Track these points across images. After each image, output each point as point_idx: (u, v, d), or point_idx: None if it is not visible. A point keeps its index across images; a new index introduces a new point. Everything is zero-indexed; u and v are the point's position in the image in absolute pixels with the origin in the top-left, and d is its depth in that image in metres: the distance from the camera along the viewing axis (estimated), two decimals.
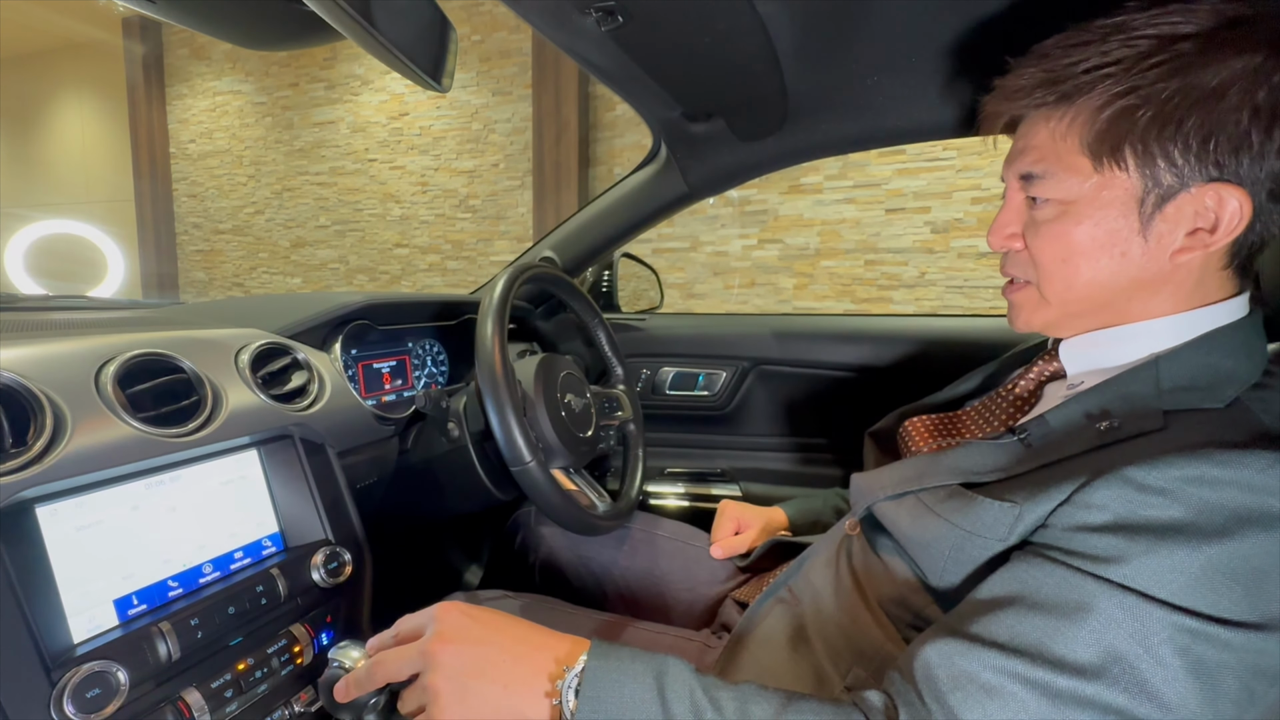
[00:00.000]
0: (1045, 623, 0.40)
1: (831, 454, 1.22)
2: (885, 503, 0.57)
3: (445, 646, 0.43)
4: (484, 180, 4.69)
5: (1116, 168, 0.48)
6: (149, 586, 0.55)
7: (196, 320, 0.73)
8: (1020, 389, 0.61)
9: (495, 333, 0.75)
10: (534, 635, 0.46)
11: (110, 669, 0.47)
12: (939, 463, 0.55)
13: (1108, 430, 0.46)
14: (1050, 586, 0.42)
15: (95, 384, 0.54)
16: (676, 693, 0.42)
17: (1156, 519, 0.40)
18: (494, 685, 0.42)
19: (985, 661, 0.41)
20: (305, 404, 0.71)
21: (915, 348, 1.15)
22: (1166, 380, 0.47)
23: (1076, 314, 0.54)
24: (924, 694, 0.42)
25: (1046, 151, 0.51)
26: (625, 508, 0.91)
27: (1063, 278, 0.52)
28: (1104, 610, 0.39)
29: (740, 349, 1.26)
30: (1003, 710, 0.39)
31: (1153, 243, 0.48)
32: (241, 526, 0.64)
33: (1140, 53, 0.46)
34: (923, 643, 0.45)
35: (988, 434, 0.60)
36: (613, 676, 0.43)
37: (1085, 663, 0.38)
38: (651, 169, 1.12)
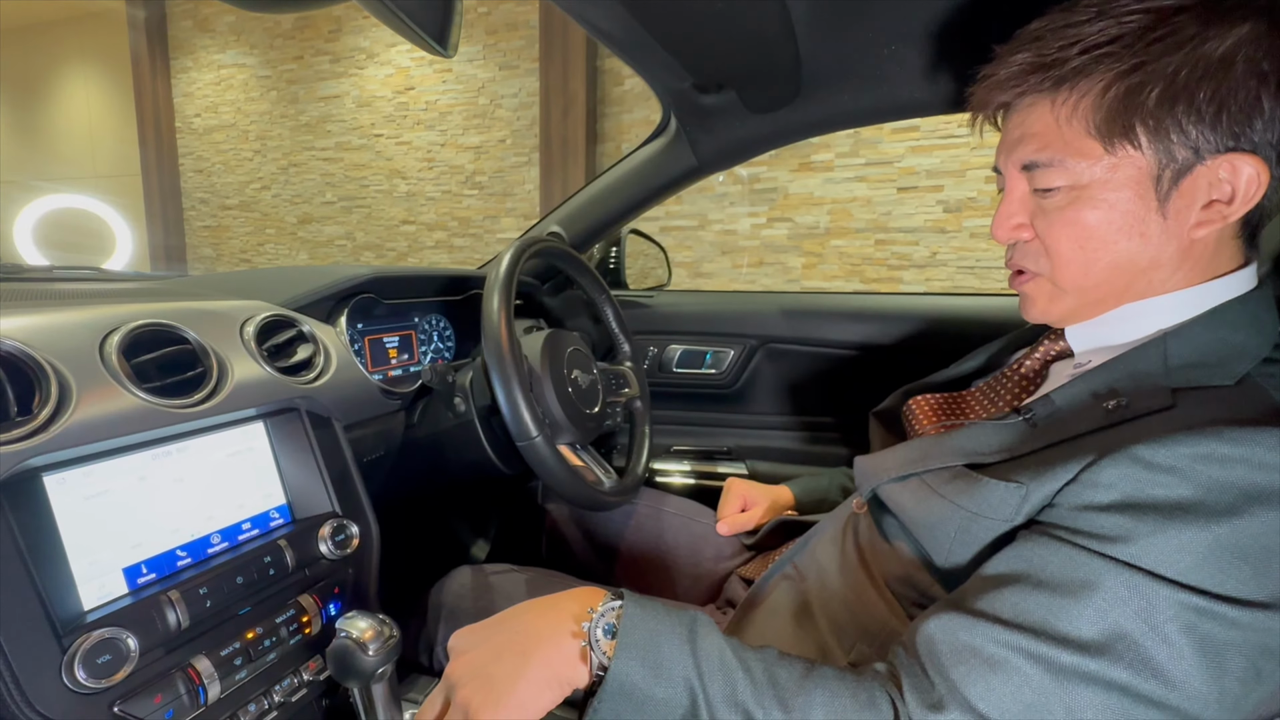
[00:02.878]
0: (1050, 600, 0.40)
1: (838, 433, 1.22)
2: (889, 485, 0.57)
3: (460, 660, 0.44)
4: (490, 156, 4.65)
5: (1129, 147, 0.47)
6: (158, 556, 0.55)
7: (201, 292, 0.72)
8: (1026, 369, 0.60)
9: (502, 307, 0.74)
10: (542, 600, 0.46)
11: (120, 636, 0.48)
12: (943, 444, 0.55)
13: (1115, 409, 0.45)
14: (1056, 564, 0.42)
15: (100, 354, 0.54)
16: (707, 651, 0.42)
17: (1164, 498, 0.39)
18: (514, 658, 0.42)
19: (989, 636, 0.41)
20: (311, 377, 0.70)
21: (924, 326, 1.13)
22: (1175, 357, 0.46)
23: (1095, 300, 0.53)
24: (927, 667, 0.42)
25: (1051, 138, 0.49)
26: (631, 484, 0.91)
27: (1080, 264, 0.51)
28: (1110, 588, 0.39)
29: (748, 327, 1.25)
30: (1005, 684, 0.39)
31: (1171, 220, 0.48)
32: (249, 498, 0.64)
33: (1139, 28, 0.45)
34: (926, 618, 0.45)
35: (992, 414, 0.60)
36: (650, 624, 0.42)
37: (1089, 639, 0.38)
38: (660, 143, 1.10)
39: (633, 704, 0.40)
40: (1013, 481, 0.46)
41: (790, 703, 0.41)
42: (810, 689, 0.42)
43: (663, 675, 0.41)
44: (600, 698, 0.40)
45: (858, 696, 0.42)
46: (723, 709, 0.40)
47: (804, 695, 0.41)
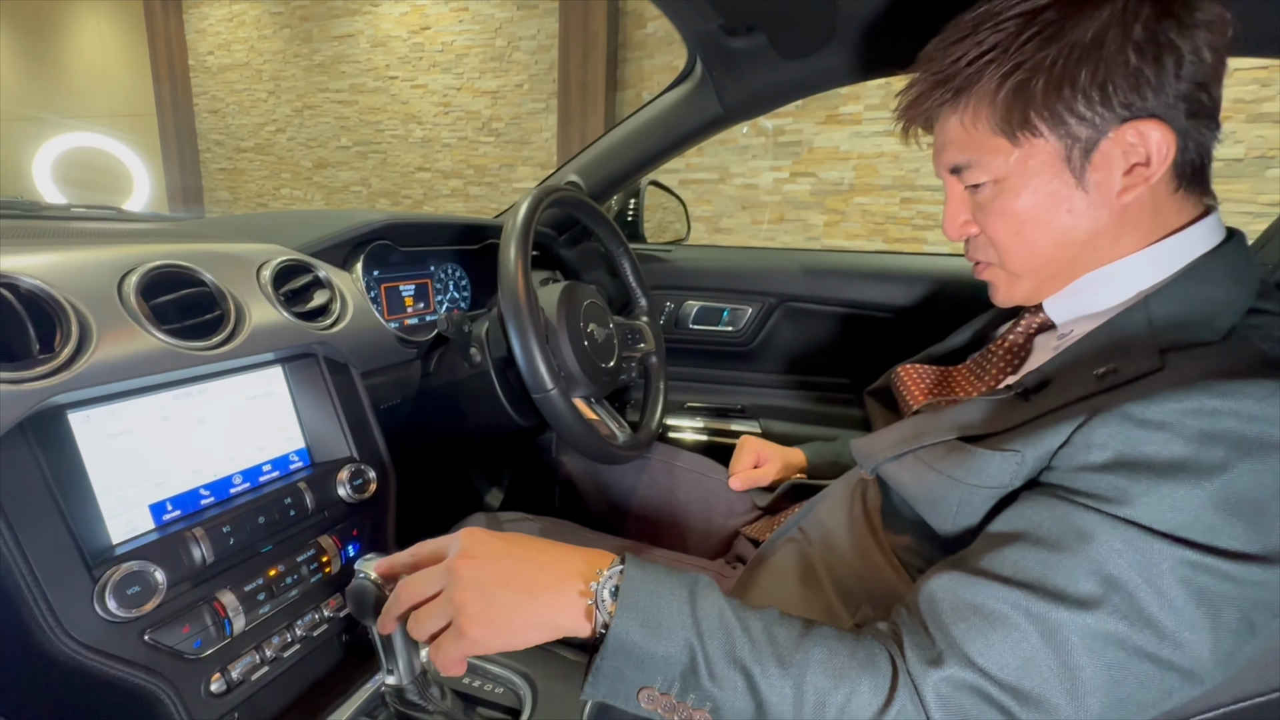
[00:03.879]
0: (1047, 556, 0.41)
1: (855, 395, 1.20)
2: (888, 464, 0.57)
3: (468, 562, 0.44)
4: (508, 102, 4.53)
5: (1032, 136, 0.49)
6: (182, 494, 0.57)
7: (217, 234, 0.72)
8: (1010, 343, 0.61)
9: (519, 257, 0.73)
10: (557, 547, 0.47)
11: (148, 569, 0.49)
12: (936, 421, 0.55)
13: (1106, 375, 0.45)
14: (1052, 521, 0.42)
15: (119, 294, 0.54)
16: (707, 611, 0.43)
17: (1156, 455, 0.40)
18: (519, 592, 0.43)
19: (988, 593, 0.41)
20: (328, 323, 0.70)
21: (948, 289, 1.10)
22: (1159, 318, 0.47)
23: (1050, 277, 0.55)
24: (928, 624, 0.43)
25: (964, 142, 0.53)
26: (645, 439, 0.91)
27: (1023, 248, 0.53)
28: (1105, 542, 0.39)
29: (768, 284, 1.22)
30: (1004, 639, 0.40)
31: (1094, 192, 0.49)
32: (269, 440, 0.65)
33: (1014, 31, 0.48)
34: (928, 577, 0.46)
35: (982, 390, 0.59)
36: (650, 586, 0.43)
37: (1085, 593, 0.39)
38: (685, 89, 1.05)
39: (633, 661, 0.42)
40: (1008, 450, 0.46)
41: (788, 660, 0.42)
42: (808, 647, 0.42)
43: (661, 634, 0.42)
44: (602, 654, 0.42)
45: (856, 654, 0.42)
46: (721, 666, 0.41)
47: (801, 653, 0.42)
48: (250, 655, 0.56)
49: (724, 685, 0.41)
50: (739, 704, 0.41)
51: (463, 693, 0.59)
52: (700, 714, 0.42)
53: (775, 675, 0.41)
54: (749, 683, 0.41)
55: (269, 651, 0.57)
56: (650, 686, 0.42)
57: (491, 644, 0.42)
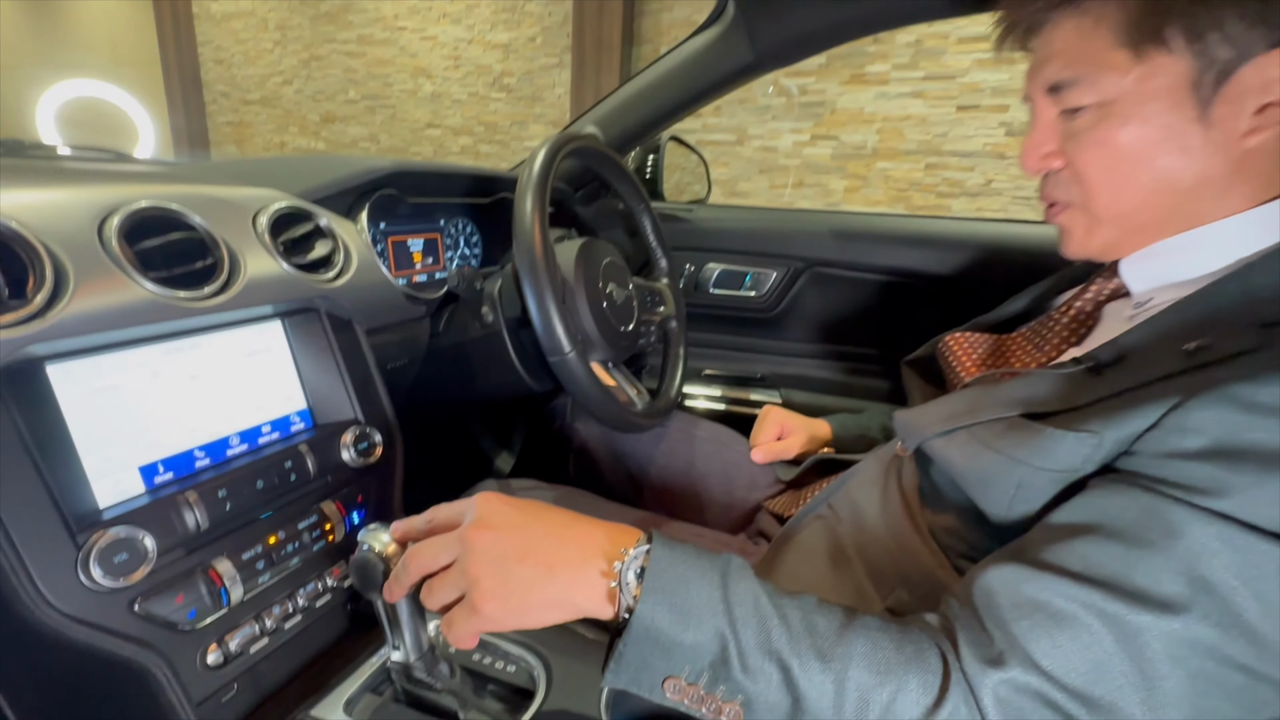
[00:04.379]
0: (1127, 552, 0.36)
1: (882, 366, 1.15)
2: (936, 440, 0.52)
3: (484, 532, 0.40)
4: (520, 56, 4.37)
5: (1160, 52, 0.43)
6: (175, 456, 0.53)
7: (210, 178, 0.66)
8: (1076, 310, 0.54)
9: (536, 209, 0.68)
10: (580, 521, 0.43)
11: (137, 535, 0.46)
12: (994, 394, 0.50)
13: (1197, 351, 0.39)
14: (1134, 514, 0.37)
15: (99, 237, 0.49)
16: (740, 596, 0.39)
17: (1265, 444, 0.34)
18: (537, 568, 0.39)
19: (1055, 589, 0.37)
20: (331, 275, 0.65)
21: (990, 256, 1.04)
22: (1262, 289, 0.41)
23: (1137, 228, 0.48)
24: (985, 620, 0.39)
25: (1075, 54, 0.46)
26: (664, 406, 0.87)
27: (1114, 189, 0.47)
28: (1198, 539, 0.35)
29: (794, 248, 1.16)
30: (1073, 641, 0.36)
31: (1217, 129, 0.43)
32: (268, 400, 0.61)
33: None
34: (983, 569, 0.41)
35: (1041, 362, 0.54)
36: (678, 569, 0.40)
37: (1171, 595, 0.34)
38: (713, 33, 0.97)
39: (660, 649, 0.38)
40: (1082, 431, 0.41)
41: (829, 652, 0.38)
42: (851, 639, 0.39)
43: (691, 621, 0.38)
44: (626, 640, 0.39)
45: (902, 648, 0.39)
46: (755, 656, 0.38)
47: (844, 645, 0.39)
48: (249, 626, 0.53)
49: (758, 678, 0.38)
50: (774, 698, 0.38)
51: (473, 670, 0.56)
52: (731, 707, 0.38)
53: (815, 669, 0.38)
54: (785, 676, 0.37)
55: (269, 622, 0.54)
56: (677, 676, 0.38)
57: (506, 621, 0.39)
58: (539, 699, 0.51)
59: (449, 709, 0.52)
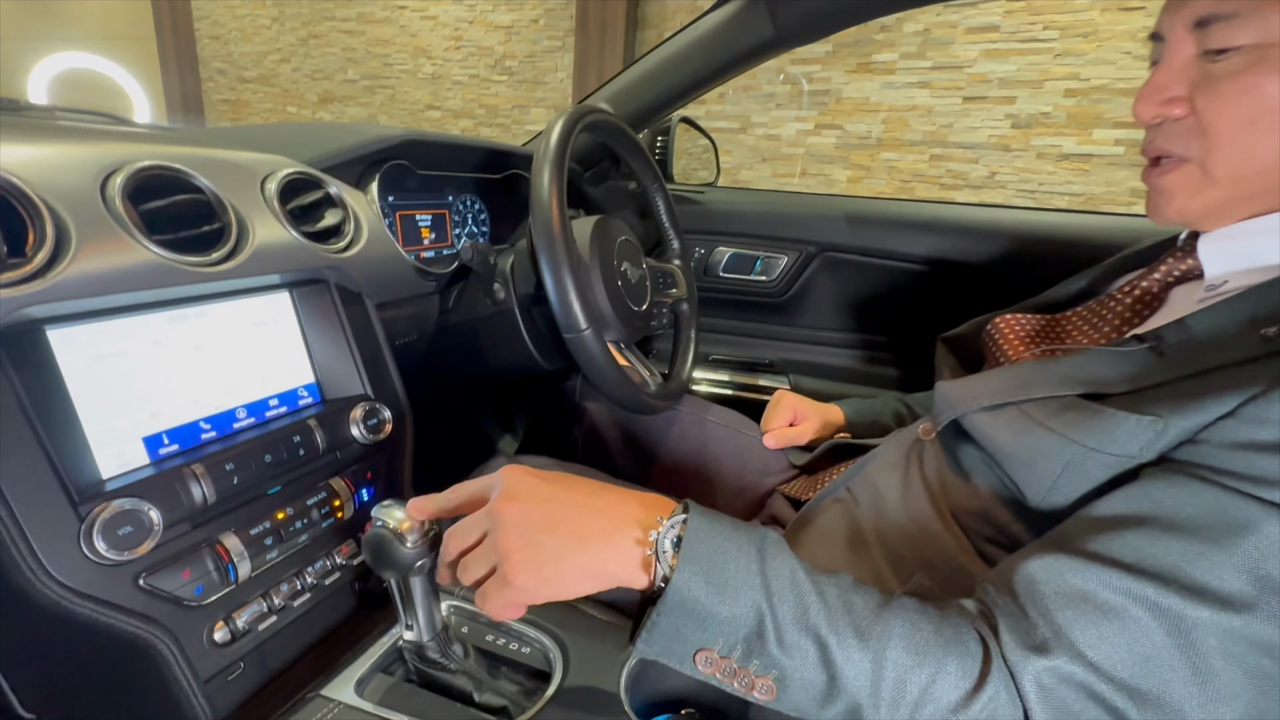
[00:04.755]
0: (1186, 545, 0.35)
1: (894, 353, 1.14)
2: (978, 414, 0.50)
3: (513, 504, 0.39)
4: (522, 38, 4.31)
5: None
6: (180, 427, 0.51)
7: (214, 142, 0.64)
8: (1142, 289, 0.52)
9: (553, 183, 0.65)
10: (611, 491, 0.42)
11: (142, 507, 0.44)
12: (1049, 371, 0.48)
13: (1277, 336, 0.38)
14: (1195, 507, 0.36)
15: (102, 196, 0.47)
16: (777, 570, 0.39)
17: None
18: (568, 539, 0.38)
19: (1104, 580, 0.36)
20: (341, 246, 0.63)
21: (1004, 244, 1.02)
22: None
23: (1251, 195, 0.44)
24: (1027, 608, 0.38)
25: None
26: (676, 389, 0.85)
27: (1245, 146, 0.43)
28: (1268, 535, 0.33)
29: (806, 231, 1.14)
30: (1121, 634, 0.35)
31: None
32: (276, 373, 0.59)
33: None
34: (1024, 557, 0.40)
35: (1102, 341, 0.52)
36: (716, 539, 0.39)
37: (1233, 591, 0.33)
38: (732, 7, 0.95)
39: (694, 619, 0.37)
40: (1146, 414, 0.39)
41: (867, 631, 0.37)
42: (889, 619, 0.38)
43: (727, 593, 0.37)
44: (660, 610, 0.38)
45: (941, 631, 0.38)
46: (792, 631, 0.37)
47: (881, 624, 0.38)
48: (257, 603, 0.51)
49: (794, 653, 0.37)
50: (809, 675, 0.37)
51: (488, 651, 0.55)
52: (763, 682, 0.37)
53: (853, 647, 0.37)
54: (823, 653, 0.37)
55: (277, 600, 0.52)
56: (710, 649, 0.38)
57: (539, 592, 0.38)
58: (556, 680, 0.50)
59: (463, 690, 0.50)
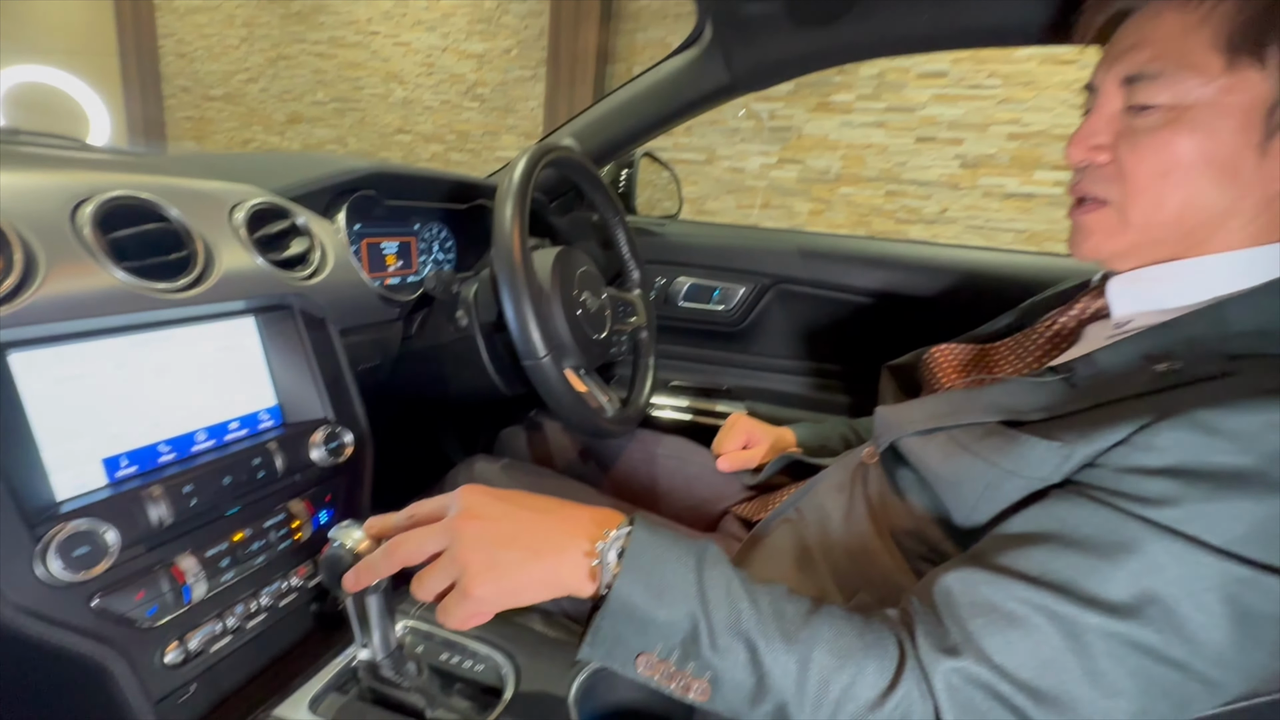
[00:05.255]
0: (1081, 560, 0.39)
1: (844, 381, 1.19)
2: (913, 438, 0.54)
3: (472, 522, 0.42)
4: (494, 67, 4.38)
5: (1253, 68, 0.42)
6: (139, 449, 0.52)
7: (185, 170, 0.66)
8: (1060, 326, 0.57)
9: (515, 216, 0.69)
10: (563, 506, 0.45)
11: (98, 528, 0.45)
12: (975, 399, 0.52)
13: (1168, 372, 0.42)
14: (1091, 526, 0.40)
15: (71, 223, 0.48)
16: (714, 579, 0.41)
17: (1222, 466, 0.37)
18: (525, 551, 0.41)
19: (1011, 592, 0.40)
20: (306, 274, 0.65)
21: (947, 280, 1.09)
22: (1236, 324, 0.43)
23: (1156, 241, 0.49)
24: (943, 616, 0.41)
25: (1167, 47, 0.45)
26: (633, 414, 0.89)
27: (1156, 195, 0.47)
28: (1149, 553, 0.37)
29: (762, 264, 1.20)
30: (1024, 640, 0.38)
31: (1269, 162, 0.44)
32: (237, 396, 0.60)
33: None
34: (944, 571, 0.44)
35: (1023, 372, 0.57)
36: (656, 550, 0.41)
37: (1119, 601, 0.37)
38: (691, 54, 1.01)
39: (635, 624, 0.40)
40: (1055, 440, 0.44)
41: (794, 635, 0.40)
42: (816, 625, 0.41)
43: (665, 599, 0.40)
44: (603, 615, 0.40)
45: (864, 636, 0.41)
46: (724, 636, 0.40)
47: (809, 630, 0.41)
48: (211, 624, 0.52)
49: (726, 655, 0.40)
50: (739, 676, 0.40)
51: (441, 669, 0.56)
52: (699, 684, 0.40)
53: (780, 650, 0.40)
54: (752, 655, 0.40)
55: (231, 621, 0.53)
56: (649, 652, 0.40)
57: (498, 602, 0.41)
58: (508, 695, 0.52)
59: (416, 707, 0.52)
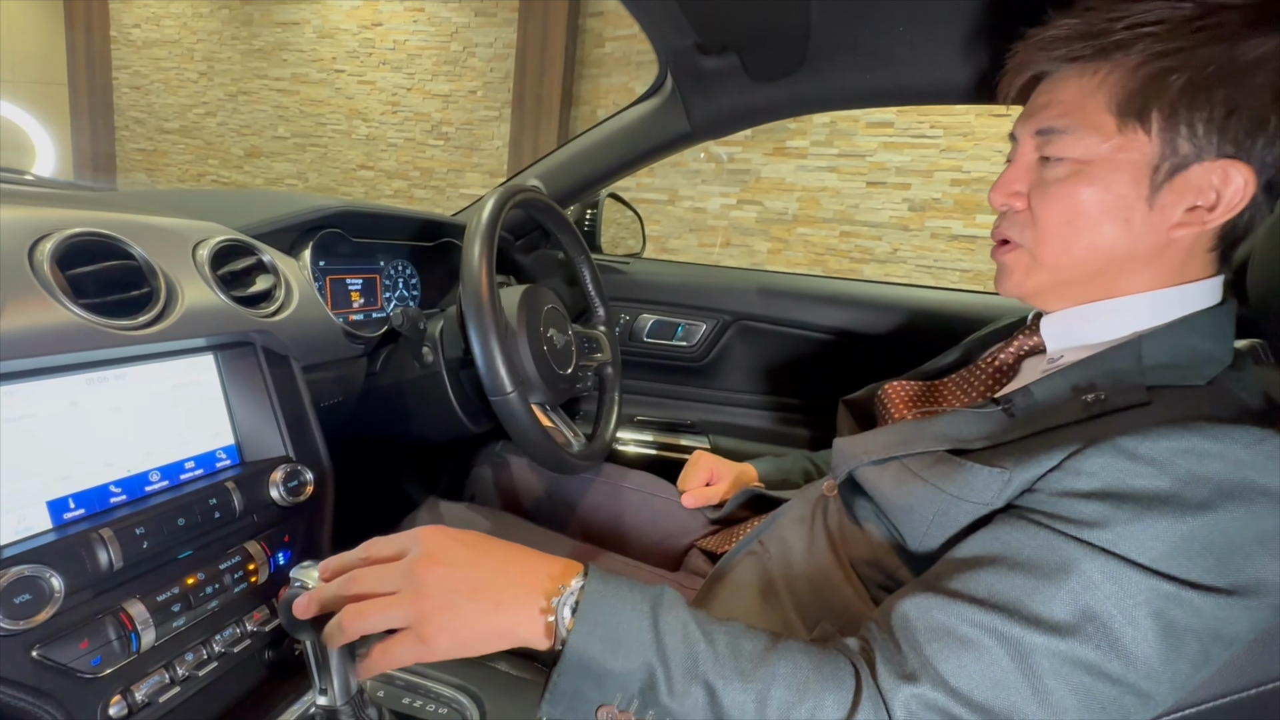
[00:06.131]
0: (1024, 582, 0.41)
1: (804, 415, 1.23)
2: (868, 467, 0.57)
3: (434, 568, 0.41)
4: (460, 107, 4.45)
5: (1140, 130, 0.47)
6: (88, 490, 0.50)
7: (145, 207, 0.65)
8: (1000, 362, 0.61)
9: (483, 255, 0.70)
10: (525, 556, 0.45)
11: (43, 574, 0.43)
12: (924, 429, 0.55)
13: (1094, 402, 0.47)
14: (1032, 548, 0.42)
15: (29, 260, 0.48)
16: (670, 624, 0.42)
17: (1144, 488, 0.41)
18: (486, 603, 0.41)
19: (963, 616, 0.42)
20: (270, 310, 0.65)
21: (899, 317, 1.15)
22: (1149, 357, 0.48)
23: (1068, 281, 0.54)
24: (900, 642, 0.43)
25: (1072, 106, 0.50)
26: (599, 449, 0.89)
27: (1062, 241, 0.52)
28: (1084, 572, 0.40)
29: (723, 302, 1.24)
30: (976, 661, 0.40)
31: (1156, 213, 0.48)
32: (194, 435, 0.59)
33: (1185, 15, 0.45)
34: (900, 597, 0.46)
35: (967, 404, 0.61)
36: (610, 602, 0.42)
37: (1061, 620, 0.40)
38: (653, 103, 1.06)
39: (592, 678, 0.40)
40: (996, 467, 0.47)
41: (751, 673, 0.41)
42: (773, 661, 0.42)
43: (620, 650, 0.40)
44: (559, 671, 0.40)
45: (821, 668, 0.42)
46: (682, 681, 0.40)
47: (766, 667, 0.41)
48: (159, 674, 0.50)
49: (684, 700, 0.40)
50: (699, 718, 0.40)
51: (403, 714, 0.55)
52: None
53: (737, 689, 0.40)
54: (711, 697, 0.40)
55: (181, 670, 0.51)
56: (609, 704, 0.40)
57: (454, 653, 0.40)
58: None
59: None
